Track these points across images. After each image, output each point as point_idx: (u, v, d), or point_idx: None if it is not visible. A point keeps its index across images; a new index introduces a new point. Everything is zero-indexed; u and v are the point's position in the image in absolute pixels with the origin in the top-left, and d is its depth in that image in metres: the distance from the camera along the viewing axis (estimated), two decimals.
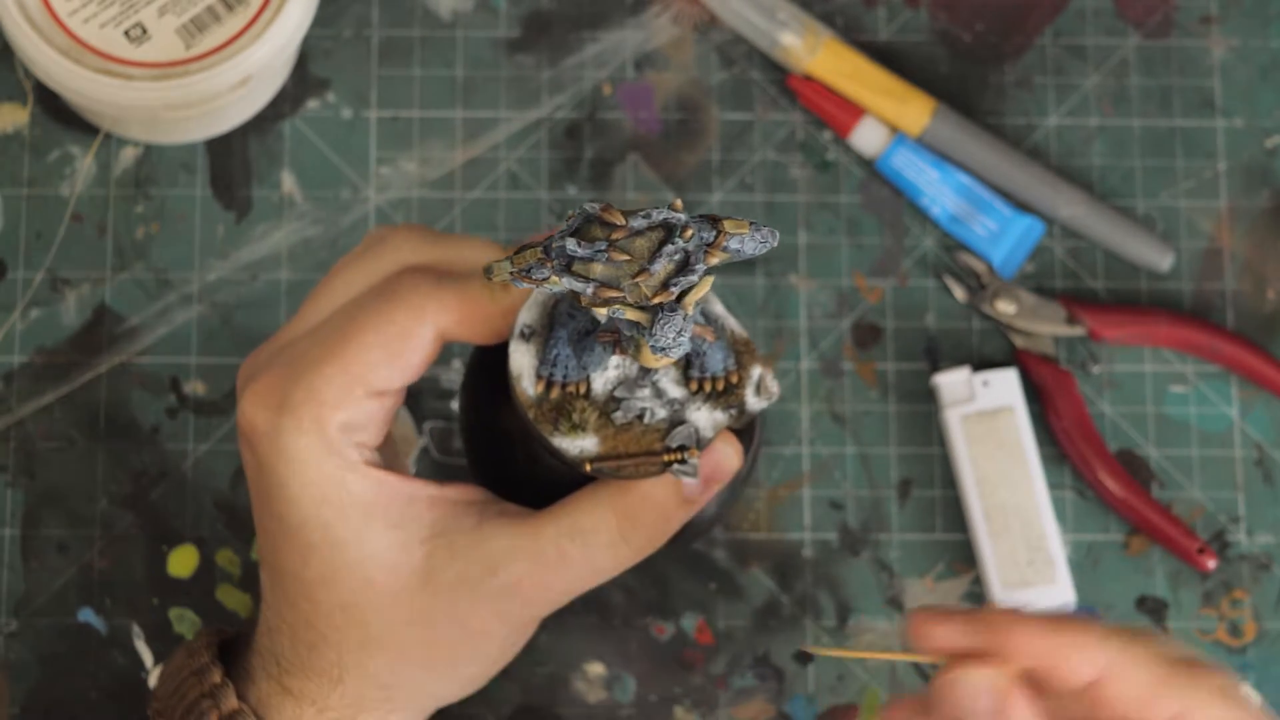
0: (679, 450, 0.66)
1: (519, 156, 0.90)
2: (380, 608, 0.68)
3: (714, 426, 0.67)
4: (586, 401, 0.66)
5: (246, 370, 0.71)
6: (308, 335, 0.70)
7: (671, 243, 0.59)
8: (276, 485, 0.69)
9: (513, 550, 0.68)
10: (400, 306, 0.68)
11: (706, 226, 0.60)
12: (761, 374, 0.67)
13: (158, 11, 0.86)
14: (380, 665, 0.69)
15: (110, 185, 0.89)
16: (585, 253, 0.59)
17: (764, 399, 0.67)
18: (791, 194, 0.90)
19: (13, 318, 0.88)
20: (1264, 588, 0.87)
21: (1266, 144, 0.91)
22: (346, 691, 0.70)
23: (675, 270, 0.60)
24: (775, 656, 0.86)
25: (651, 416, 0.66)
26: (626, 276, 0.59)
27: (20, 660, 0.85)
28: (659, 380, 0.66)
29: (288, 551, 0.69)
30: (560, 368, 0.65)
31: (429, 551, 0.69)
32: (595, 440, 0.66)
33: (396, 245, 0.71)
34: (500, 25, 0.91)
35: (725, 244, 0.60)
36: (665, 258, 0.59)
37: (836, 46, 0.90)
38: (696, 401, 0.67)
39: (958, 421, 0.87)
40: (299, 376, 0.68)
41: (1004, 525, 0.86)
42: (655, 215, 0.60)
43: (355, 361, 0.68)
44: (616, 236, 0.59)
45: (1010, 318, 0.89)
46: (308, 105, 0.90)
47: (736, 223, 0.60)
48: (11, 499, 0.87)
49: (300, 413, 0.68)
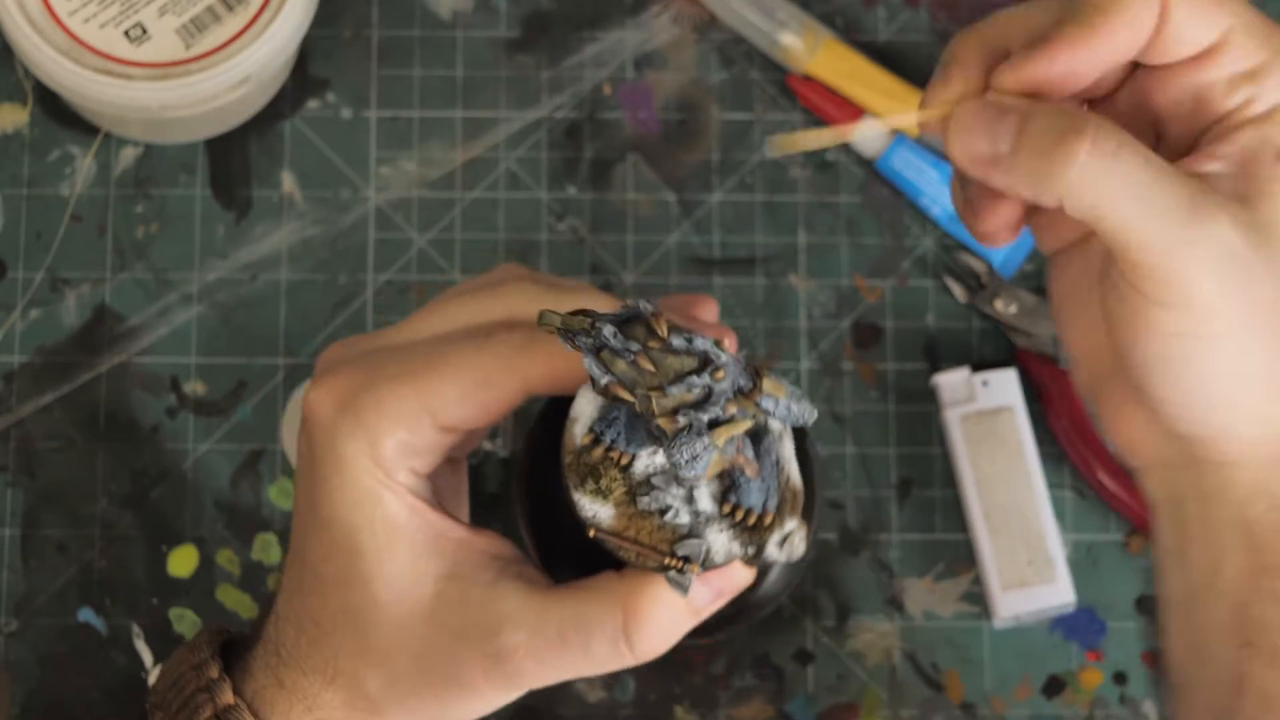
0: (682, 559, 0.65)
1: (519, 156, 0.90)
2: (382, 627, 0.69)
3: (726, 555, 0.66)
4: (621, 474, 0.65)
5: (329, 357, 0.72)
6: (397, 349, 0.70)
7: (700, 375, 0.59)
8: (320, 478, 0.69)
9: (516, 619, 0.68)
10: (490, 355, 0.68)
11: (746, 376, 0.60)
12: (794, 529, 0.66)
13: (158, 11, 0.86)
14: (371, 679, 0.69)
15: (110, 185, 0.89)
16: (617, 345, 0.60)
17: (785, 554, 0.66)
18: (791, 194, 0.90)
19: (13, 318, 0.88)
20: None
21: None
22: (336, 695, 0.70)
23: (692, 403, 0.60)
24: (775, 656, 0.86)
25: (674, 516, 0.65)
26: (643, 385, 0.59)
27: (20, 660, 0.85)
28: (697, 488, 0.66)
29: (314, 542, 0.69)
30: (613, 430, 0.65)
31: (440, 591, 0.69)
32: (611, 513, 0.65)
33: (518, 292, 0.71)
34: (500, 25, 0.91)
35: (757, 400, 0.60)
36: (685, 387, 0.59)
37: (836, 46, 0.90)
38: (721, 524, 0.65)
39: (958, 421, 0.87)
40: (373, 384, 0.69)
41: (1004, 525, 0.86)
42: (698, 343, 0.60)
43: (430, 392, 0.68)
44: (652, 344, 0.59)
45: (1010, 318, 0.89)
46: (308, 105, 0.90)
47: (775, 384, 0.60)
48: (11, 499, 0.87)
49: (362, 417, 0.68)
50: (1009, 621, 0.86)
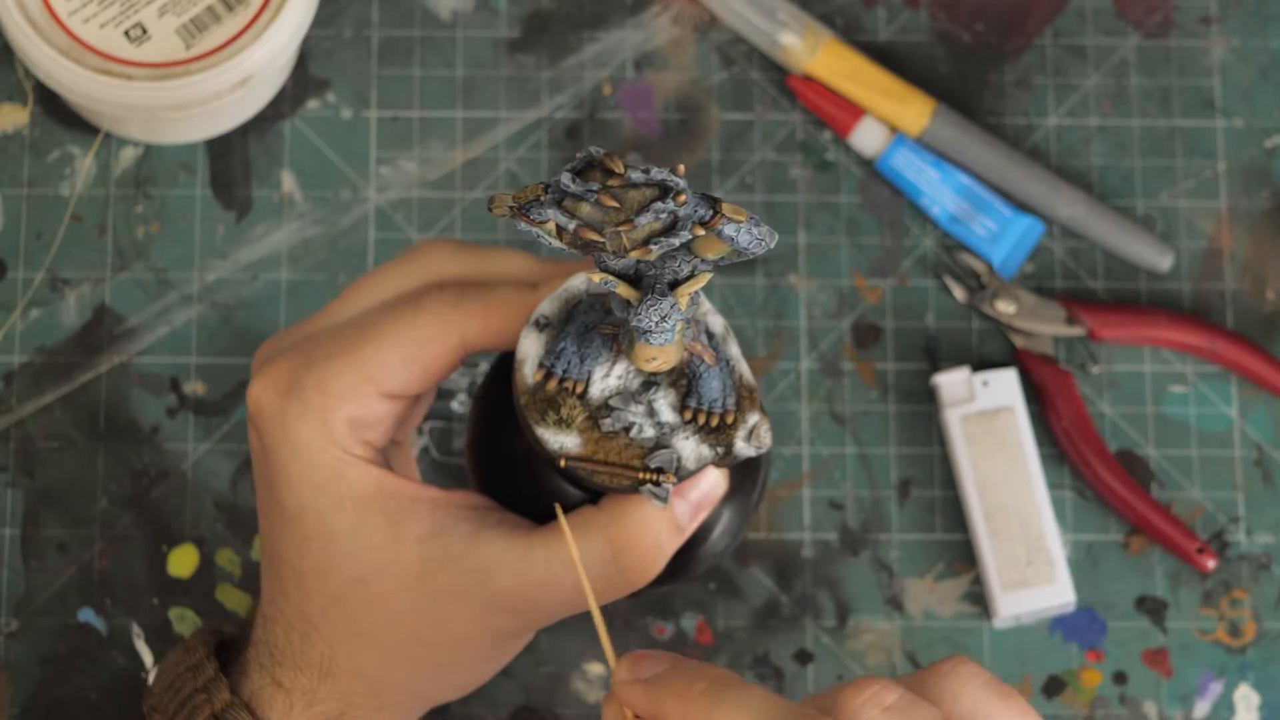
0: (655, 471, 0.66)
1: (519, 156, 0.90)
2: (370, 604, 0.69)
3: (697, 459, 0.66)
4: (579, 401, 0.66)
5: (263, 353, 0.72)
6: (329, 329, 0.70)
7: (663, 201, 0.59)
8: (278, 469, 0.69)
9: (504, 563, 0.68)
10: (424, 314, 0.69)
11: (704, 204, 0.60)
12: (757, 422, 0.66)
13: (158, 11, 0.86)
14: (368, 662, 0.69)
15: (110, 185, 0.89)
16: (578, 189, 0.59)
17: (754, 446, 0.66)
18: (791, 194, 0.90)
19: (13, 318, 0.88)
20: (1263, 588, 0.87)
21: (1266, 144, 0.91)
22: (335, 686, 0.70)
23: (660, 230, 0.60)
24: (775, 656, 0.86)
25: (639, 433, 0.66)
26: (610, 223, 0.59)
27: (20, 660, 0.85)
28: (656, 401, 0.66)
29: (286, 538, 0.69)
30: (563, 361, 0.65)
31: (423, 553, 0.69)
32: (578, 440, 0.66)
33: (431, 256, 0.71)
34: (500, 25, 0.91)
35: (720, 227, 0.60)
36: (652, 214, 0.59)
37: (836, 46, 0.90)
38: (686, 431, 0.66)
39: (957, 421, 0.87)
40: (312, 365, 0.68)
41: (1004, 525, 0.86)
42: (654, 173, 0.60)
43: (370, 360, 0.68)
44: (611, 183, 0.59)
45: (1010, 318, 0.89)
46: (308, 105, 0.90)
47: (736, 209, 0.60)
48: (11, 499, 0.87)
49: (307, 399, 0.68)
50: (1009, 621, 0.86)
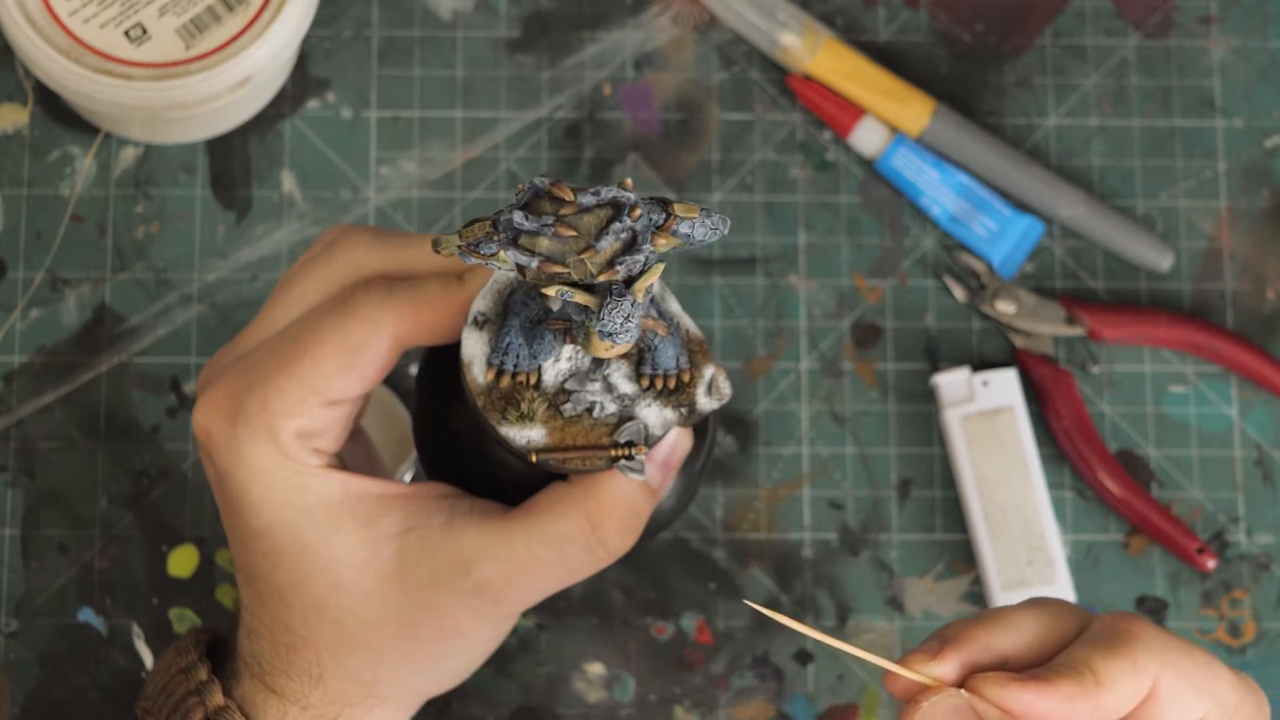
0: (627, 446, 0.66)
1: (519, 156, 0.90)
2: (354, 608, 0.69)
3: (664, 425, 0.66)
4: (536, 392, 0.65)
5: (204, 377, 0.72)
6: (264, 345, 0.70)
7: (619, 220, 0.59)
8: (238, 493, 0.69)
9: (484, 550, 0.68)
10: (354, 319, 0.68)
11: (657, 209, 0.60)
12: (714, 374, 0.66)
13: (158, 12, 0.86)
14: (359, 663, 0.69)
15: (110, 185, 0.89)
16: (532, 226, 0.59)
17: (715, 399, 0.66)
18: (791, 194, 0.90)
19: (13, 318, 0.88)
20: (1263, 588, 0.87)
21: (1266, 144, 0.91)
22: (328, 690, 0.70)
23: (622, 249, 0.59)
24: (775, 656, 0.86)
25: (601, 411, 0.66)
26: (572, 252, 0.59)
27: (20, 660, 0.85)
28: (610, 375, 0.66)
29: (257, 557, 0.69)
30: (511, 356, 0.65)
31: (400, 549, 0.69)
32: (543, 431, 0.66)
33: (349, 248, 0.71)
34: (500, 25, 0.91)
35: (675, 228, 0.60)
36: (612, 235, 0.59)
37: (836, 46, 0.90)
38: (647, 398, 0.66)
39: (957, 421, 0.87)
40: (253, 387, 0.68)
41: (1004, 525, 0.86)
42: (604, 193, 0.59)
43: (310, 373, 0.68)
44: (565, 212, 0.59)
45: (1010, 318, 0.89)
46: (308, 105, 0.90)
47: (687, 207, 0.60)
48: (11, 499, 0.87)
49: (254, 422, 0.68)
50: None
